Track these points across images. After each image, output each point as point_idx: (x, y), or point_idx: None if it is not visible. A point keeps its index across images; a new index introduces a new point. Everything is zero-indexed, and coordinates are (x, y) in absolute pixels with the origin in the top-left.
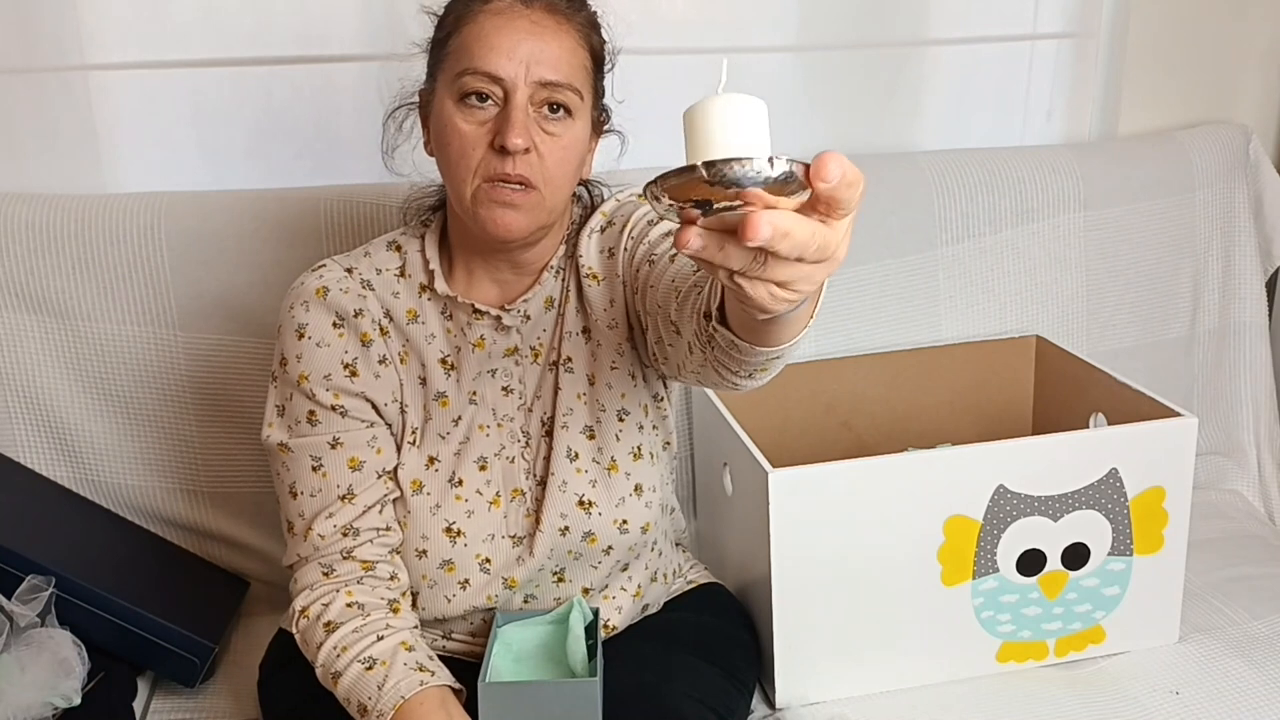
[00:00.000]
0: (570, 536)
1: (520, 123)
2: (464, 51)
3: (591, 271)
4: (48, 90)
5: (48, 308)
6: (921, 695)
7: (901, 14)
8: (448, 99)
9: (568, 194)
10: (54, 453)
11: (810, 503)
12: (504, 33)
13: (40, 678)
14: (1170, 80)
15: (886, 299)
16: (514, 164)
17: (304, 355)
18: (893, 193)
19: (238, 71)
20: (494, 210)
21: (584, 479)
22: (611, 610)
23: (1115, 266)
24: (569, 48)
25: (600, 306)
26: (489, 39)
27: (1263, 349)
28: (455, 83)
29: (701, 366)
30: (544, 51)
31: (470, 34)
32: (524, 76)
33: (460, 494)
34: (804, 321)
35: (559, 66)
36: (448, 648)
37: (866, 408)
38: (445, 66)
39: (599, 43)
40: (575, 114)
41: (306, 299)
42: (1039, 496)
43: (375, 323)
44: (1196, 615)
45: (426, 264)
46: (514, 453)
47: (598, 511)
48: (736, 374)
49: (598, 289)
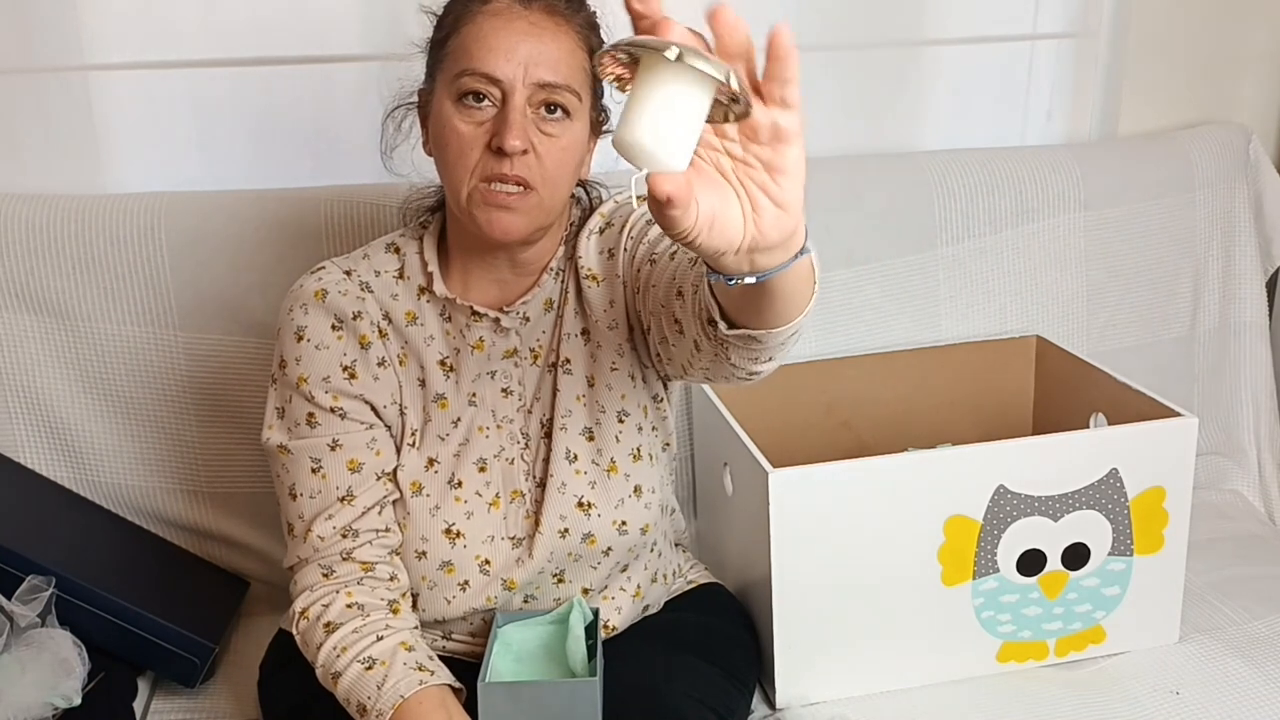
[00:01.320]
0: (570, 538)
1: (518, 124)
2: (462, 52)
3: (591, 273)
4: (48, 90)
5: (48, 308)
6: (921, 695)
7: (902, 14)
8: (446, 99)
9: (566, 194)
10: (54, 453)
11: (810, 503)
12: (502, 34)
13: (40, 678)
14: (1170, 80)
15: (886, 299)
16: (511, 165)
17: (303, 358)
18: (893, 193)
19: (238, 71)
20: (490, 212)
21: (583, 480)
22: (611, 611)
23: (1115, 266)
24: (568, 49)
25: (600, 308)
26: (487, 40)
27: (1263, 349)
28: (454, 83)
29: (713, 361)
30: (542, 53)
31: (469, 34)
32: (522, 78)
33: (460, 495)
34: (806, 296)
35: (557, 68)
36: (448, 648)
37: (866, 408)
38: (444, 67)
39: (598, 44)
40: (573, 115)
41: (305, 301)
42: (1039, 496)
43: (374, 325)
44: (1196, 615)
45: (425, 266)
46: (513, 454)
47: (597, 513)
48: (754, 361)
49: (597, 290)
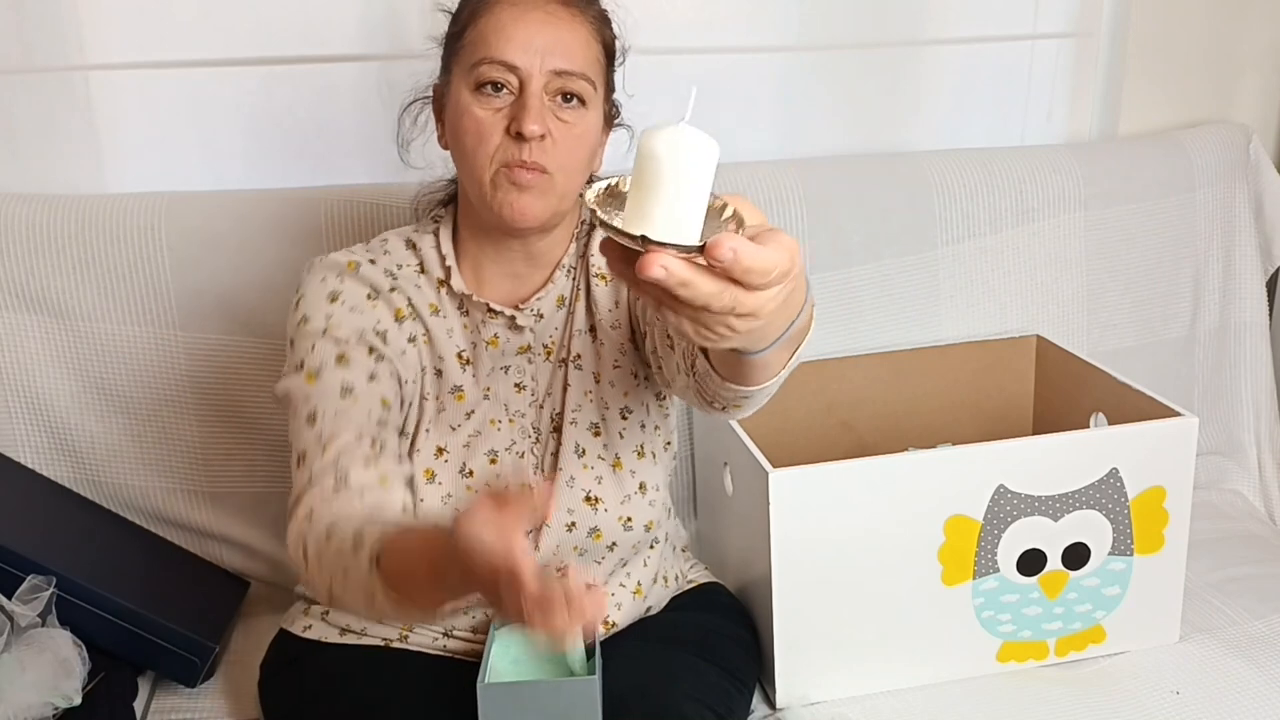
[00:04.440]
0: (576, 532)
1: (536, 109)
2: (481, 42)
3: (600, 272)
4: (48, 90)
5: (48, 308)
6: (922, 695)
7: (901, 14)
8: (464, 89)
9: (581, 182)
10: (54, 453)
11: (810, 503)
12: (520, 24)
13: (41, 678)
14: (1170, 80)
15: (886, 299)
16: (530, 150)
17: (335, 315)
18: (893, 193)
19: (238, 71)
20: (510, 193)
21: (590, 475)
22: (611, 606)
23: (1115, 266)
24: (583, 39)
25: (605, 307)
26: (505, 29)
27: (1263, 349)
28: (472, 72)
29: (685, 388)
30: (558, 42)
31: (487, 25)
32: (539, 65)
33: (471, 485)
34: (774, 369)
35: (573, 56)
36: (448, 647)
37: (866, 408)
38: (461, 58)
39: (610, 36)
40: (588, 103)
41: (339, 271)
42: (1039, 496)
43: (406, 303)
44: (1196, 615)
45: (443, 260)
46: (524, 448)
47: (604, 508)
48: (711, 403)
49: (605, 289)
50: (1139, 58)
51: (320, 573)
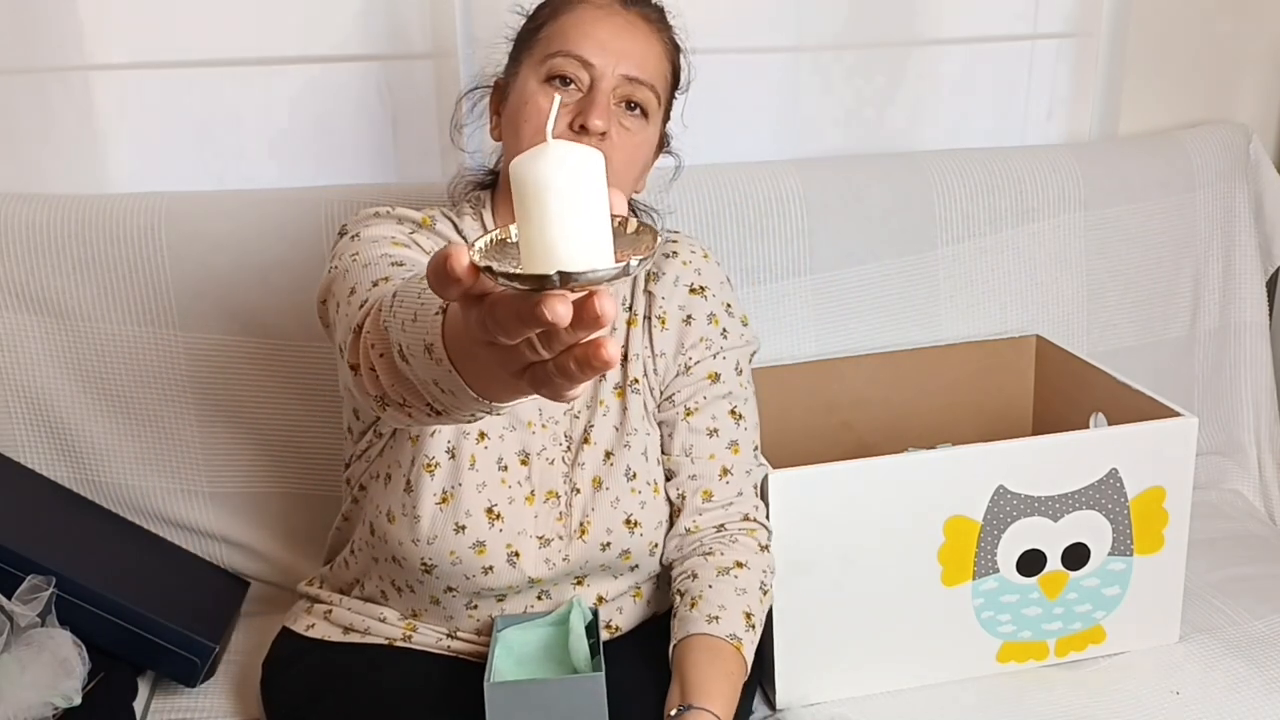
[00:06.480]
0: (609, 552)
1: (604, 106)
2: (560, 35)
3: (663, 315)
4: (48, 90)
5: (48, 308)
6: (922, 695)
7: (901, 14)
8: (532, 79)
9: (628, 195)
10: (54, 453)
11: (810, 503)
12: (601, 25)
13: (41, 678)
14: (1170, 80)
15: (886, 299)
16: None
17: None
18: (893, 193)
19: (238, 71)
20: None
21: (636, 500)
22: (613, 611)
23: (1115, 266)
24: (657, 53)
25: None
26: (585, 28)
27: (1263, 349)
28: (545, 64)
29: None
30: (635, 49)
31: (569, 21)
32: (613, 68)
33: (505, 479)
34: None
35: (646, 66)
36: (452, 648)
37: (866, 408)
38: (535, 51)
39: (679, 63)
40: (650, 117)
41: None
42: (1039, 497)
43: None
44: (1196, 615)
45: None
46: (554, 455)
47: (640, 533)
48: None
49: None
50: (1139, 58)
51: (392, 319)
